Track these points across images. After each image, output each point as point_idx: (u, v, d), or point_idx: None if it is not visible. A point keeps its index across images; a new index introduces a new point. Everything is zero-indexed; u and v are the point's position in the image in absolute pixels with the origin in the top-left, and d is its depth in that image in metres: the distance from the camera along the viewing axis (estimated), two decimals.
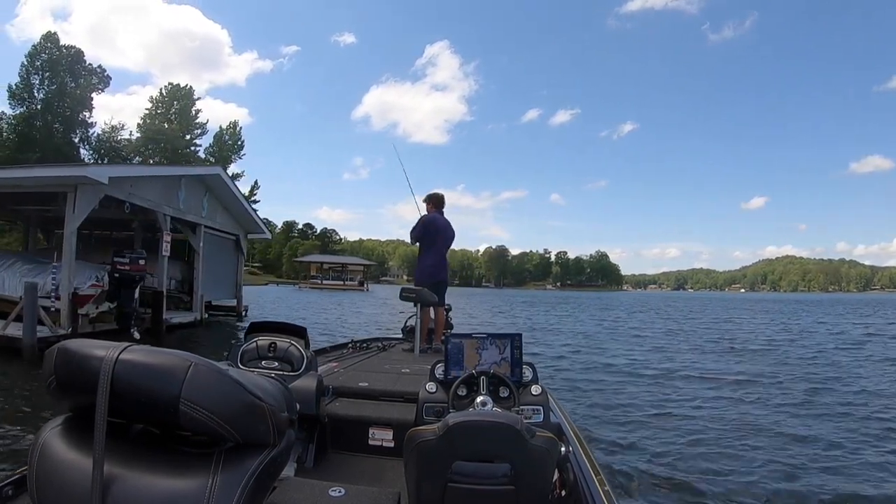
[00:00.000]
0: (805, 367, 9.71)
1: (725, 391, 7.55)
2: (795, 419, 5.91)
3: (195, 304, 13.27)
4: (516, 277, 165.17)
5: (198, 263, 13.40)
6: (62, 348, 0.87)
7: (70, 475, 0.79)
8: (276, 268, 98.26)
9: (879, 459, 4.49)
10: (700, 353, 11.97)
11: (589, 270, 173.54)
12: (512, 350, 2.12)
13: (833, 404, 6.62)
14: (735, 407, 6.51)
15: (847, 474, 4.19)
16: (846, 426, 5.59)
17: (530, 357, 2.27)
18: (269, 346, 2.50)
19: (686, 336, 16.13)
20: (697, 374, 8.95)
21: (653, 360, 10.61)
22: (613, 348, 12.43)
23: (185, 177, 12.39)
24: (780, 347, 13.07)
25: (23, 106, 37.91)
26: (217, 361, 0.89)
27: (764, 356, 11.45)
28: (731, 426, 5.56)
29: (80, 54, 41.51)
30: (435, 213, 5.57)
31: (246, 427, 0.85)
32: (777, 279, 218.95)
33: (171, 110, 50.68)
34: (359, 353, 4.29)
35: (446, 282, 5.65)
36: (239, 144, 55.12)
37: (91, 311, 9.96)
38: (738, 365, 10.18)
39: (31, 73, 38.99)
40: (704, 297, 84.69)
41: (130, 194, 10.17)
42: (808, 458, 4.52)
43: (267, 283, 64.10)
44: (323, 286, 58.77)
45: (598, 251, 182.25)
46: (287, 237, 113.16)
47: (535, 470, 1.44)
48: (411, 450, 1.47)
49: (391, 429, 2.62)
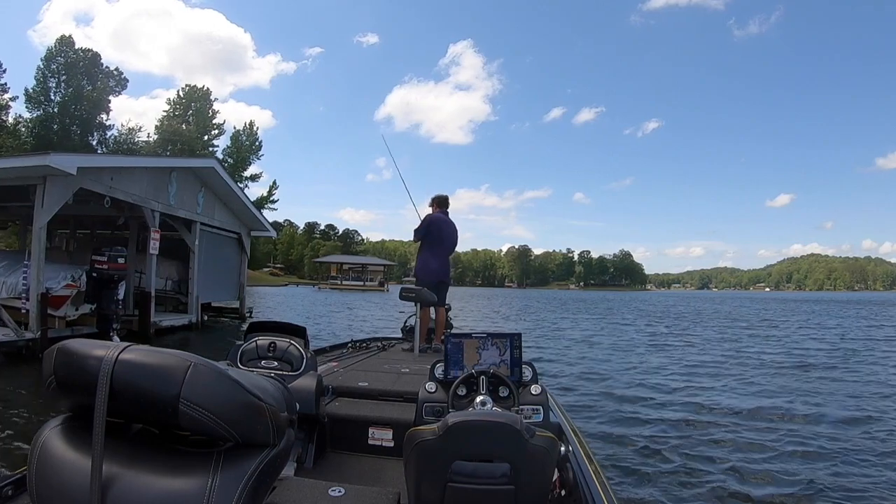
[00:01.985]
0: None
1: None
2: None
3: (191, 306, 12.63)
4: (539, 277, 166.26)
5: (193, 263, 12.74)
6: (62, 348, 0.88)
7: (69, 475, 0.80)
8: (298, 269, 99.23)
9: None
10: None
11: (612, 270, 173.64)
12: (511, 350, 2.12)
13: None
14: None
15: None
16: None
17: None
18: (269, 345, 2.51)
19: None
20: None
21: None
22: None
23: (175, 170, 11.72)
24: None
25: (39, 109, 38.64)
26: (216, 361, 0.90)
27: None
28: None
29: (96, 57, 42.25)
30: (439, 213, 5.58)
31: (245, 427, 0.86)
32: (802, 278, 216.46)
33: (188, 112, 51.01)
34: (358, 353, 4.29)
35: (448, 282, 5.63)
36: (257, 145, 55.26)
37: (70, 313, 9.36)
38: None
39: (47, 77, 39.66)
40: (731, 297, 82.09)
41: (111, 188, 9.52)
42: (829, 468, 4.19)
43: (287, 283, 64.16)
44: (343, 287, 58.66)
45: (622, 250, 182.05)
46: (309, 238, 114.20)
47: (535, 469, 1.43)
48: (411, 449, 1.47)
49: (391, 428, 2.63)
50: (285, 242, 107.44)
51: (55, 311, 9.03)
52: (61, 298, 8.91)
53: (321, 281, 65.63)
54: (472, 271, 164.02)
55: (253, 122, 56.76)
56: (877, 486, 3.90)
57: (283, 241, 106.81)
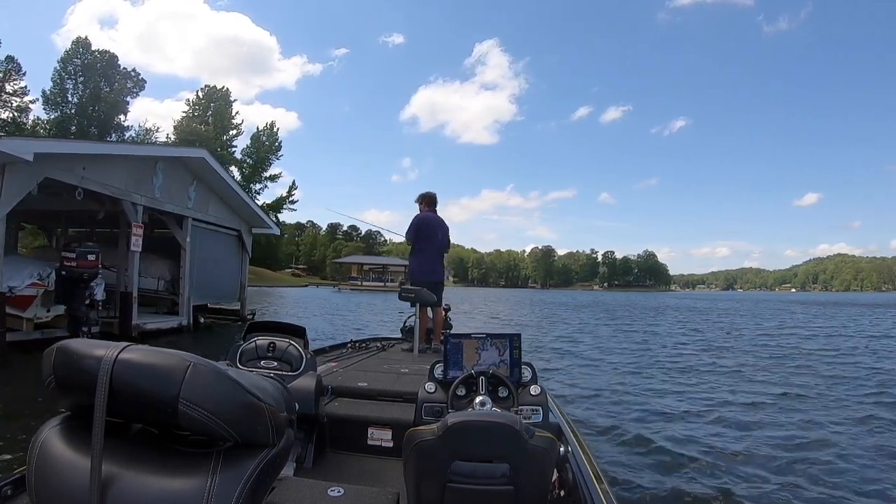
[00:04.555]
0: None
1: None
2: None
3: (181, 308, 11.99)
4: (562, 278, 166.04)
5: (184, 261, 12.11)
6: (61, 348, 0.89)
7: (68, 475, 0.81)
8: (321, 270, 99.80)
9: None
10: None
11: (636, 270, 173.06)
12: (511, 350, 2.14)
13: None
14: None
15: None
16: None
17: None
18: (268, 345, 2.51)
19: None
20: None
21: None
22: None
23: (161, 160, 11.07)
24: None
25: (57, 111, 39.32)
26: (216, 361, 0.90)
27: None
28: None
29: (113, 58, 42.90)
30: (428, 212, 5.51)
31: (245, 427, 0.87)
32: (829, 278, 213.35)
33: (207, 112, 51.45)
34: (358, 353, 4.30)
35: (443, 282, 5.58)
36: (277, 145, 55.43)
37: (40, 315, 8.76)
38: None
39: (64, 78, 40.35)
40: (759, 298, 78.75)
41: (83, 178, 8.86)
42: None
43: (307, 284, 64.22)
44: (363, 287, 58.48)
45: (646, 251, 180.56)
46: (332, 239, 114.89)
47: (534, 470, 1.44)
48: (410, 450, 1.47)
49: (390, 429, 2.63)
50: (308, 244, 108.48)
51: (22, 313, 8.45)
52: (26, 299, 8.30)
53: (342, 282, 65.81)
54: (496, 272, 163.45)
55: (273, 123, 57.09)
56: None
57: (305, 243, 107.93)
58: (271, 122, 57.02)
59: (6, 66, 36.58)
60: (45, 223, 15.34)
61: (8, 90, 36.81)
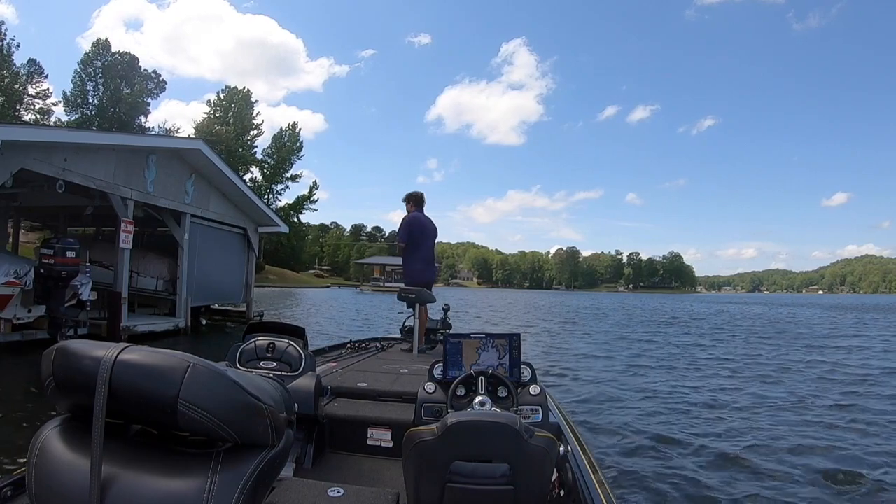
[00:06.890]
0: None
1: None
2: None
3: (178, 309, 11.51)
4: (587, 280, 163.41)
5: (182, 259, 11.63)
6: (60, 348, 0.88)
7: (68, 476, 0.81)
8: (344, 271, 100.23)
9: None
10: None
11: (662, 272, 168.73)
12: (510, 350, 2.14)
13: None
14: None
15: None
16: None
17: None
18: (268, 346, 2.51)
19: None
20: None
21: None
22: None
23: (154, 151, 10.59)
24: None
25: (78, 112, 40.04)
26: (215, 362, 0.90)
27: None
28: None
29: (134, 60, 43.45)
30: (416, 212, 5.56)
31: (244, 427, 0.87)
32: (856, 280, 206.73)
33: (228, 113, 51.86)
34: (357, 354, 4.34)
35: (433, 282, 5.75)
36: (298, 146, 55.59)
37: (21, 315, 8.31)
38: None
39: (84, 80, 41.10)
40: (786, 301, 74.68)
41: (64, 170, 8.39)
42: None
43: (329, 285, 64.29)
44: (385, 289, 57.97)
45: (672, 252, 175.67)
46: (356, 240, 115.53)
47: (534, 470, 1.44)
48: (410, 450, 1.48)
49: (390, 429, 2.65)
50: (332, 245, 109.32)
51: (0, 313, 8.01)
52: (2, 298, 7.83)
53: (364, 283, 65.70)
54: (520, 273, 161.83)
55: (296, 124, 57.22)
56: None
57: (329, 244, 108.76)
58: (293, 123, 57.37)
59: (28, 69, 37.54)
60: (46, 220, 15.11)
61: (31, 93, 37.77)
